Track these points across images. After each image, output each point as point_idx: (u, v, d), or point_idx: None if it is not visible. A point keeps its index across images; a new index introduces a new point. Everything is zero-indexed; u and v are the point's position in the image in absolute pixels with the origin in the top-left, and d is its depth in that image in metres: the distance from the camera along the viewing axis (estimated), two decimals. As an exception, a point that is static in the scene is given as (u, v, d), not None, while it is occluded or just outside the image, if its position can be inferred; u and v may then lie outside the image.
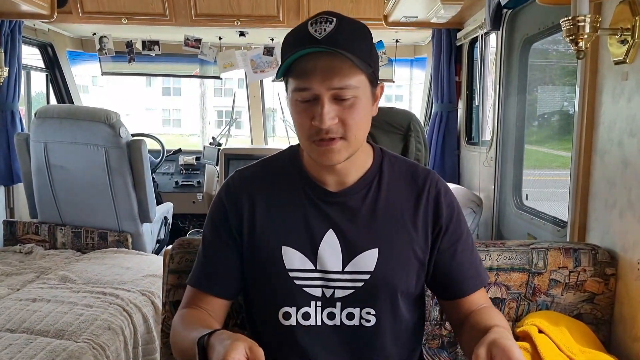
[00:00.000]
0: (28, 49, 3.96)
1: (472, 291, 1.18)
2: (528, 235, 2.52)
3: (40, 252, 3.09)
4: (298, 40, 1.04)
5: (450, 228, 1.17)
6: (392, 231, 1.14)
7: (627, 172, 1.51)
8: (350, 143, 1.06)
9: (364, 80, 1.05)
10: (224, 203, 1.18)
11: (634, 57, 1.46)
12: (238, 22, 3.73)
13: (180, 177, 4.78)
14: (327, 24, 1.03)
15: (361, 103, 1.05)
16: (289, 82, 1.07)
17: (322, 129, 1.03)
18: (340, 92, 1.03)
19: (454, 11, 3.05)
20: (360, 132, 1.08)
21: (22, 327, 2.09)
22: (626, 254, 1.51)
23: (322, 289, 1.12)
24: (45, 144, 3.05)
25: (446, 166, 3.70)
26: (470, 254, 1.19)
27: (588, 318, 1.56)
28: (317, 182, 1.15)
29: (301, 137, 1.10)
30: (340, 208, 1.14)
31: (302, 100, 1.05)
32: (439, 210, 1.16)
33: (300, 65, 1.03)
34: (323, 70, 1.02)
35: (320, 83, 1.02)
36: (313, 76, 1.02)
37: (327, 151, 1.06)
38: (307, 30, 1.04)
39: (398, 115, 2.79)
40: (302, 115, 1.06)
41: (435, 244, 1.16)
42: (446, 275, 1.18)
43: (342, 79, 1.02)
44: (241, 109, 5.79)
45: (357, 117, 1.05)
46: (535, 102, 3.21)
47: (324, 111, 1.02)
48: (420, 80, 4.61)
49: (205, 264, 1.18)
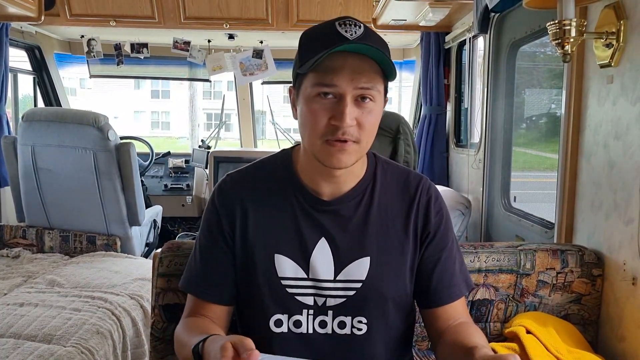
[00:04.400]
0: (15, 51, 3.93)
1: (452, 300, 1.17)
2: (516, 236, 2.54)
3: (27, 256, 3.06)
4: (327, 37, 1.02)
5: (437, 236, 1.16)
6: (383, 239, 1.13)
7: (613, 174, 1.52)
8: (361, 148, 1.06)
9: (382, 89, 1.06)
10: (217, 208, 1.16)
11: (618, 61, 1.48)
12: (227, 25, 3.73)
13: (170, 180, 4.76)
14: (356, 28, 1.03)
15: (377, 109, 1.06)
16: (309, 77, 1.04)
17: (341, 128, 1.02)
18: (365, 92, 1.03)
19: (442, 14, 3.07)
20: (372, 138, 1.08)
21: (10, 332, 2.07)
22: (612, 255, 1.53)
23: (314, 298, 1.12)
24: (33, 147, 3.02)
25: (435, 168, 3.72)
26: (454, 262, 1.19)
27: (575, 318, 1.58)
28: (310, 189, 1.14)
29: (312, 136, 1.06)
30: (332, 216, 1.13)
31: (324, 96, 1.03)
32: (428, 216, 1.16)
33: (329, 61, 1.01)
34: (352, 69, 1.01)
35: (348, 82, 1.01)
36: (341, 74, 1.01)
37: (339, 151, 1.04)
38: (336, 29, 1.03)
39: (387, 118, 2.79)
40: (320, 113, 1.03)
41: (421, 250, 1.16)
42: (427, 282, 1.16)
43: (369, 80, 1.02)
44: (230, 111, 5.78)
45: (373, 122, 1.06)
46: (523, 104, 3.23)
47: (347, 110, 1.01)
48: (409, 83, 4.63)
49: (202, 271, 1.17)
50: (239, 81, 4.45)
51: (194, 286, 1.18)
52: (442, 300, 1.17)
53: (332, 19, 1.06)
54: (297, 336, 1.13)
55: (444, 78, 3.68)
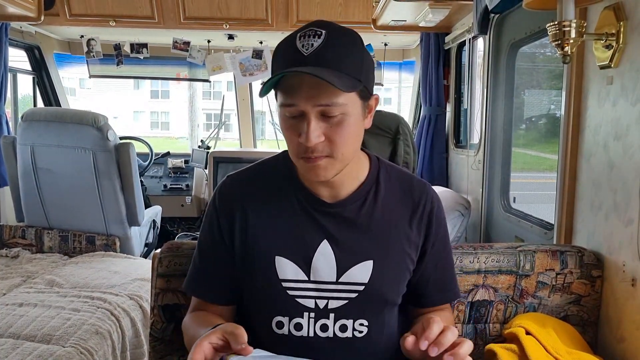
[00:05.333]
0: (14, 51, 3.93)
1: (443, 303, 1.24)
2: (515, 237, 2.54)
3: (26, 256, 3.06)
4: (285, 56, 1.00)
5: (437, 244, 1.18)
6: (386, 243, 1.13)
7: (612, 175, 1.52)
8: (336, 160, 1.03)
9: (353, 96, 1.01)
10: (217, 209, 1.16)
11: (618, 62, 1.48)
12: (227, 25, 3.73)
13: (169, 180, 4.76)
14: (314, 39, 0.98)
15: (350, 120, 1.01)
16: (278, 95, 1.03)
17: (308, 147, 1.00)
18: (327, 109, 0.99)
19: (442, 15, 3.07)
20: (349, 148, 1.04)
21: (9, 332, 2.06)
22: (612, 255, 1.53)
23: (316, 300, 1.11)
24: (32, 147, 3.02)
25: (434, 169, 3.72)
26: (447, 270, 1.23)
27: (575, 319, 1.57)
28: (311, 191, 1.13)
29: (291, 153, 1.07)
30: (335, 218, 1.12)
31: (290, 116, 1.02)
32: (431, 226, 1.17)
33: (287, 80, 0.99)
34: (309, 87, 0.97)
35: (306, 100, 0.98)
36: (299, 92, 0.98)
37: (313, 168, 1.03)
38: (295, 44, 0.99)
39: (386, 119, 2.80)
40: (290, 131, 1.03)
41: (423, 257, 1.18)
42: (424, 286, 1.20)
43: (329, 96, 0.98)
44: (230, 111, 5.77)
45: (345, 134, 1.01)
46: (523, 105, 3.24)
47: (310, 129, 0.98)
48: (409, 83, 4.63)
49: (204, 273, 1.18)
50: (238, 81, 4.45)
51: (195, 287, 1.19)
52: (434, 303, 1.22)
53: (300, 27, 1.02)
54: (298, 339, 1.12)
55: (444, 79, 3.68)
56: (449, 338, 0.91)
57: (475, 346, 1.55)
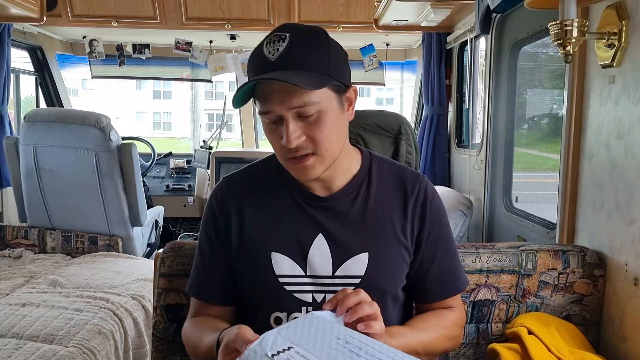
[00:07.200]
0: (17, 52, 3.94)
1: (446, 297, 1.20)
2: (518, 237, 2.53)
3: (29, 256, 3.07)
4: (254, 64, 1.04)
5: (433, 234, 1.17)
6: (381, 235, 1.14)
7: (615, 174, 1.52)
8: (323, 157, 1.06)
9: (326, 92, 1.03)
10: (214, 211, 1.18)
11: (620, 61, 1.48)
12: (229, 26, 3.73)
13: (171, 181, 4.76)
14: (280, 43, 1.01)
15: (327, 116, 1.04)
16: (255, 103, 1.07)
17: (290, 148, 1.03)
18: (302, 110, 1.01)
19: (444, 15, 3.07)
20: (333, 144, 1.06)
21: (12, 332, 2.07)
22: (614, 255, 1.53)
23: (313, 294, 1.12)
24: (35, 148, 3.03)
25: (437, 169, 3.72)
26: (450, 260, 1.20)
27: (577, 319, 1.57)
28: (304, 187, 1.15)
29: (277, 156, 1.11)
30: (329, 212, 1.14)
31: (270, 122, 1.05)
32: (425, 215, 1.17)
33: (260, 88, 1.03)
34: (280, 92, 1.00)
35: (280, 104, 1.01)
36: (271, 99, 1.01)
37: (301, 168, 1.06)
38: (262, 51, 1.03)
39: (389, 118, 2.80)
40: (272, 136, 1.06)
41: (419, 248, 1.17)
42: (423, 278, 1.19)
43: (300, 97, 1.00)
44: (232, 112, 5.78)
45: (325, 130, 1.04)
46: (525, 105, 3.23)
47: (289, 131, 1.01)
48: (411, 83, 4.63)
49: (203, 275, 1.20)
50: (240, 82, 4.45)
51: (196, 289, 1.21)
52: (437, 297, 1.20)
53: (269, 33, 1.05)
54: None
55: (446, 78, 3.68)
56: (352, 300, 0.92)
57: (478, 346, 1.56)
